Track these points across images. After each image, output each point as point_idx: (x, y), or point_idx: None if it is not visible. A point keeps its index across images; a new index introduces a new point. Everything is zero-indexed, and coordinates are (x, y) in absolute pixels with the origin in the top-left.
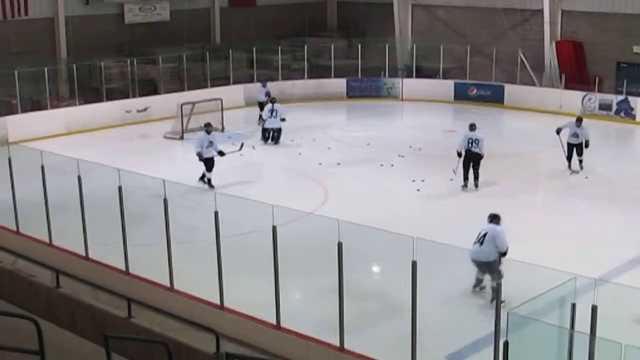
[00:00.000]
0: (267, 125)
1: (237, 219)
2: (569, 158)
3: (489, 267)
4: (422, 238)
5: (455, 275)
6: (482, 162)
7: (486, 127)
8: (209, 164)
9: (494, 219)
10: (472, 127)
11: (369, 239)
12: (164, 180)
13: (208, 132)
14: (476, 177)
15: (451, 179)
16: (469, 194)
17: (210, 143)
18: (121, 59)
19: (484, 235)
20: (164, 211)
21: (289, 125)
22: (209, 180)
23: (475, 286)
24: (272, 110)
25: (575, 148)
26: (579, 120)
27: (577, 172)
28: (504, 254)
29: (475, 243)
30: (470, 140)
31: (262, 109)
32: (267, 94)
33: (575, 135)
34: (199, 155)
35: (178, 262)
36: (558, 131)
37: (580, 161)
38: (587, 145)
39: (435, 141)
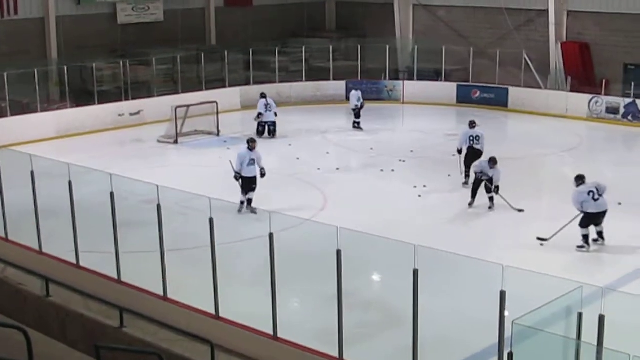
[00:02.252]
0: (264, 119)
1: (233, 226)
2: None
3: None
4: (424, 246)
5: (458, 283)
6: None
7: (490, 131)
8: (248, 184)
9: (579, 179)
10: (472, 124)
11: (369, 247)
12: (157, 185)
13: (251, 149)
14: None
15: (449, 175)
16: (467, 192)
17: (252, 161)
18: (113, 60)
19: (596, 189)
20: (158, 218)
21: (287, 129)
22: (249, 201)
23: (595, 240)
24: (266, 105)
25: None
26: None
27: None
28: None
29: (593, 200)
30: (472, 137)
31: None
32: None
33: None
34: (237, 174)
35: (172, 271)
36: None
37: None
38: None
39: (438, 145)
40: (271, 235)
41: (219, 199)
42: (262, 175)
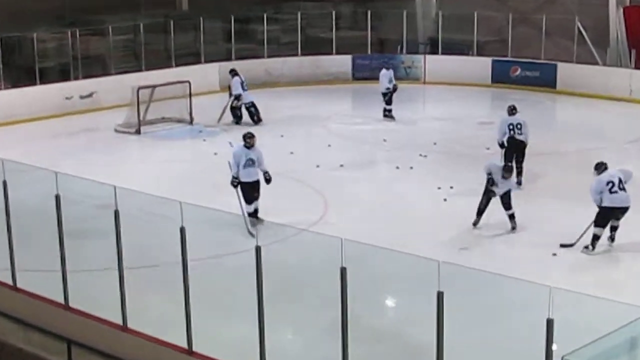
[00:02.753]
0: (244, 100)
1: (211, 236)
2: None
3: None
4: (450, 262)
5: (493, 308)
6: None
7: (533, 119)
8: (249, 191)
9: (600, 166)
10: (512, 110)
11: (381, 263)
12: (114, 186)
13: (248, 145)
14: (520, 172)
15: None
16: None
17: (251, 162)
18: (60, 29)
19: (619, 179)
20: (115, 227)
21: (277, 116)
22: (255, 212)
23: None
24: (242, 82)
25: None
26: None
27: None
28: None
29: (609, 192)
30: (512, 126)
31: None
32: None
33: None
34: (235, 179)
35: (133, 293)
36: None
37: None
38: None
39: (467, 136)
40: (258, 249)
41: (193, 203)
42: (267, 180)
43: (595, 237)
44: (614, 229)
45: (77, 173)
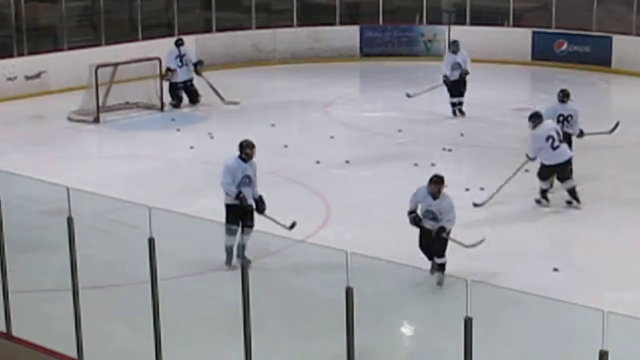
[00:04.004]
0: (177, 77)
1: (186, 249)
2: None
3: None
4: (480, 281)
5: (532, 337)
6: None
7: (584, 103)
8: (238, 216)
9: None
10: (564, 96)
11: (396, 282)
12: (67, 188)
13: (245, 158)
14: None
15: (526, 170)
16: (560, 201)
17: (247, 179)
18: None
19: (557, 132)
20: (69, 237)
21: (268, 100)
22: (242, 248)
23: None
24: (179, 56)
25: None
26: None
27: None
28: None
29: (551, 148)
30: (562, 117)
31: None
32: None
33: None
34: (230, 200)
35: (90, 320)
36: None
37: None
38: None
39: (502, 126)
40: (245, 264)
41: (164, 208)
42: (261, 210)
43: (543, 191)
44: (572, 192)
45: (20, 171)
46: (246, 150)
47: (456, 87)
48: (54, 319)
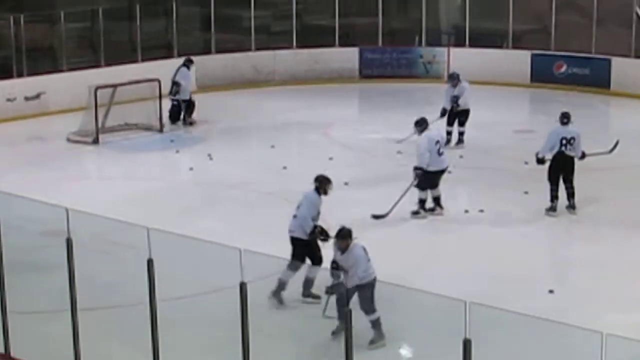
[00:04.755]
0: (182, 95)
1: (185, 271)
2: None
3: None
4: (480, 303)
5: (530, 358)
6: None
7: (583, 125)
8: (313, 251)
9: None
10: (565, 118)
11: (395, 303)
12: (66, 209)
13: (321, 193)
14: (572, 194)
15: (525, 192)
16: (560, 224)
17: (319, 215)
18: (0, 14)
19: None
20: (67, 259)
21: (267, 122)
22: (309, 284)
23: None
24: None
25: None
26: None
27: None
28: None
29: (437, 154)
30: (564, 140)
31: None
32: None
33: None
34: (301, 234)
35: (89, 341)
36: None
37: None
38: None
39: (501, 148)
40: (243, 286)
41: (163, 229)
42: (323, 236)
43: (422, 201)
44: (437, 200)
45: (20, 192)
46: (327, 186)
47: (457, 117)
48: (52, 340)
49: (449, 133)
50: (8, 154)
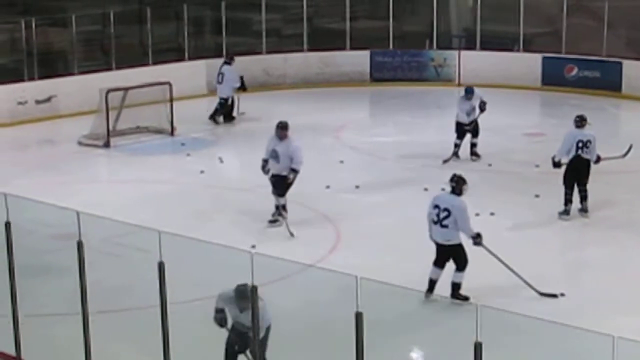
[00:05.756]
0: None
1: (196, 274)
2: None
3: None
4: (490, 306)
5: None
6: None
7: (594, 129)
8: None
9: None
10: (581, 121)
11: (406, 307)
12: (77, 212)
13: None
14: (585, 198)
15: (536, 195)
16: (572, 227)
17: None
18: (11, 19)
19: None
20: (78, 261)
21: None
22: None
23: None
24: (219, 74)
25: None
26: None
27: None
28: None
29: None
30: (581, 143)
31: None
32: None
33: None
34: (458, 240)
35: (100, 344)
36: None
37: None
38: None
39: (512, 151)
40: (254, 289)
41: (174, 233)
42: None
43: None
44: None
45: (31, 195)
46: (463, 187)
47: (472, 130)
48: (63, 343)
49: (457, 146)
50: (19, 158)
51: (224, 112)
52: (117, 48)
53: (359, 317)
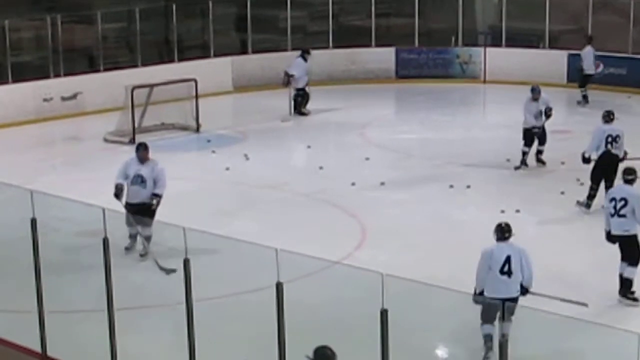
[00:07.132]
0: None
1: (221, 270)
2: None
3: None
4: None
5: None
6: None
7: (619, 125)
8: None
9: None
10: (609, 116)
11: (432, 304)
12: (103, 209)
13: None
14: None
15: (561, 192)
16: (596, 224)
17: None
18: (37, 16)
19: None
20: (104, 258)
21: (304, 122)
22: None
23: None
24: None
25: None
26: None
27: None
28: None
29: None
30: (610, 138)
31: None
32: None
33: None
34: None
35: (126, 341)
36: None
37: None
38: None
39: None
40: (279, 286)
41: (199, 229)
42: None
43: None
44: None
45: (56, 192)
46: None
47: (539, 135)
48: (89, 340)
49: (525, 154)
50: (45, 154)
51: (306, 100)
52: (143, 45)
53: (384, 314)
